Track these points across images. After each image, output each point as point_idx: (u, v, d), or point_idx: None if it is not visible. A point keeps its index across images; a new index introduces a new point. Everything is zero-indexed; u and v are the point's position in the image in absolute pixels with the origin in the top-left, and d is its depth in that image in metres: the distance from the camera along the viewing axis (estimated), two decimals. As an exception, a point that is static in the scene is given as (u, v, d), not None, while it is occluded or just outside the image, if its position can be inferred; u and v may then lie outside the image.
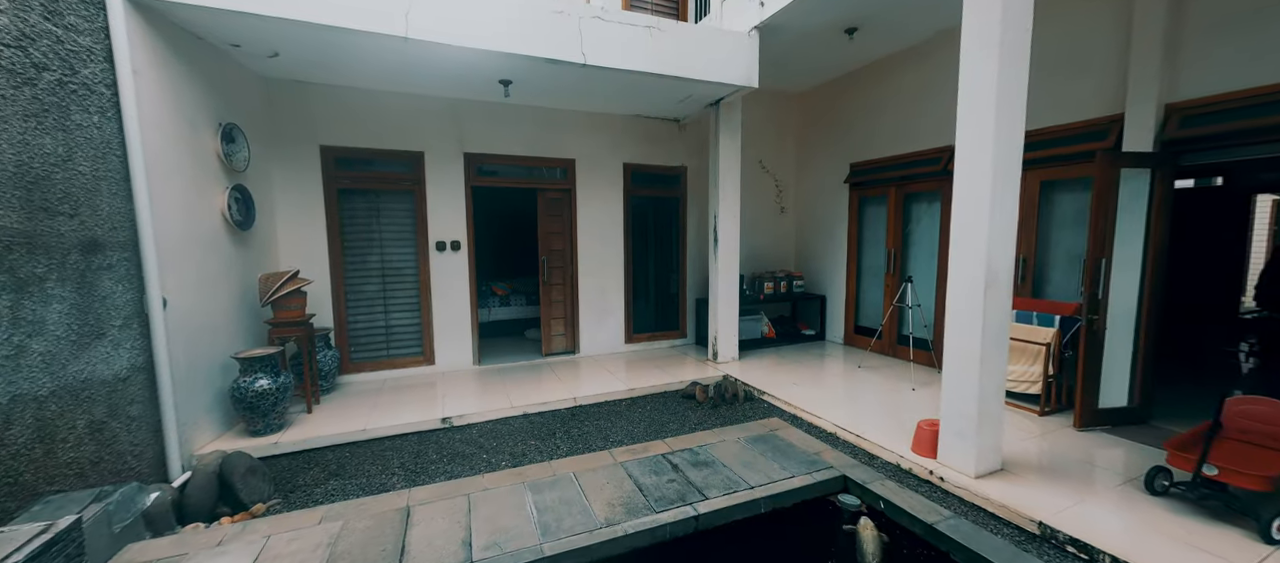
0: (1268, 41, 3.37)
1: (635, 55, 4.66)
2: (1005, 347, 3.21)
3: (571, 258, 6.48)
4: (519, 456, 3.80)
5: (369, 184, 5.44)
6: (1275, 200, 7.94)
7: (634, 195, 6.74)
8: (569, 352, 6.62)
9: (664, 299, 7.22)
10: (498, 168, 6.10)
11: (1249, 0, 3.45)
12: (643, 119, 6.65)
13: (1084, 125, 4.31)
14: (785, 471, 3.34)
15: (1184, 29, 3.73)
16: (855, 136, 6.62)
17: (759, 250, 7.57)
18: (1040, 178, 4.62)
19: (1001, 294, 3.13)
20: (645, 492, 3.06)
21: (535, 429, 4.32)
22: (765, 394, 5.03)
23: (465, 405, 4.67)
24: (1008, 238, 3.09)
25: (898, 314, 6.07)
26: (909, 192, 5.98)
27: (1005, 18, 2.89)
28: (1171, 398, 4.37)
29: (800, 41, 5.50)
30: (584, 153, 6.37)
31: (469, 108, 5.76)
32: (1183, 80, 3.75)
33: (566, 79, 4.96)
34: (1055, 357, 4.21)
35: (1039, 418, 4.19)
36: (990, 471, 3.25)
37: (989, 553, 2.45)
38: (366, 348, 5.60)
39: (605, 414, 4.67)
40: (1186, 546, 2.50)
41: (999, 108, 2.94)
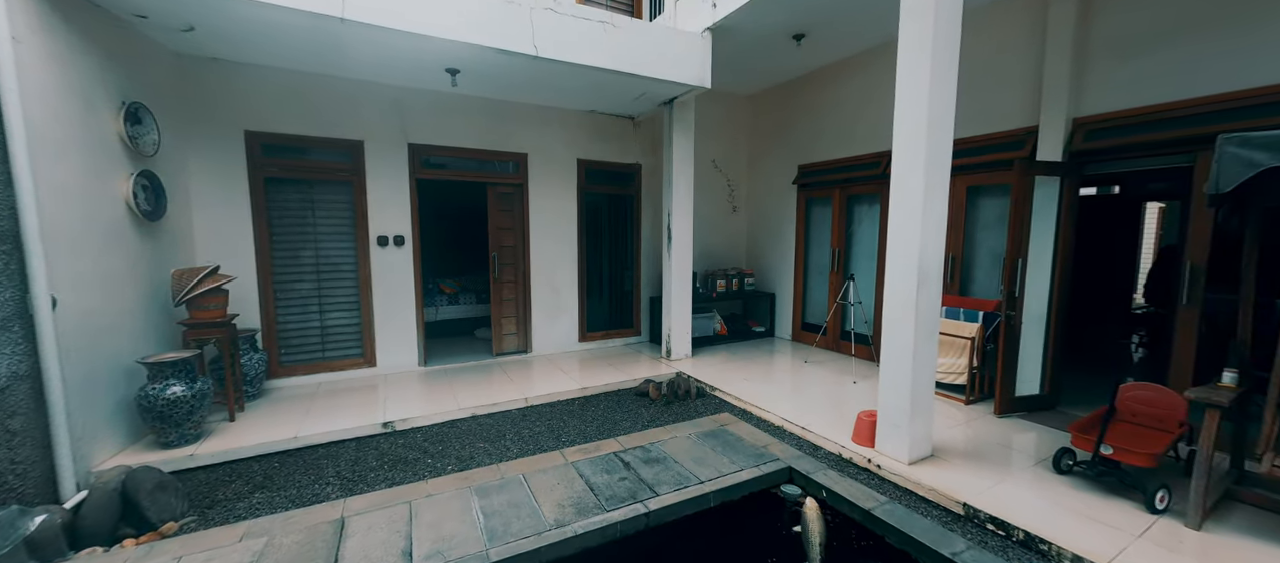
0: (1153, 68, 3.78)
1: (589, 50, 4.60)
2: (936, 341, 3.43)
3: (524, 254, 6.34)
4: (466, 459, 3.67)
5: (302, 174, 5.08)
6: (1161, 208, 8.95)
7: (588, 192, 6.68)
8: (521, 351, 6.48)
9: (619, 297, 7.21)
10: (446, 160, 5.86)
11: (1138, 30, 3.85)
12: (597, 115, 6.60)
13: (1004, 136, 4.67)
14: (734, 464, 3.42)
15: (1088, 51, 4.12)
16: (803, 140, 6.87)
17: (712, 249, 7.71)
18: (967, 184, 4.97)
19: (933, 292, 3.33)
20: (596, 491, 3.04)
21: (484, 431, 4.19)
22: (717, 390, 5.12)
23: (409, 408, 4.46)
24: (938, 239, 3.30)
25: (841, 311, 6.36)
26: (852, 194, 6.27)
27: (936, 33, 3.07)
28: (1076, 385, 4.83)
29: (751, 45, 5.64)
30: (537, 147, 6.24)
31: (414, 96, 5.49)
32: (1087, 98, 4.14)
33: (518, 71, 4.83)
34: (979, 349, 4.55)
35: (965, 406, 4.52)
36: (922, 457, 3.46)
37: (919, 535, 2.61)
38: (299, 350, 5.23)
39: (558, 414, 4.60)
40: (1086, 519, 2.77)
41: (931, 116, 3.12)
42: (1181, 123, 3.58)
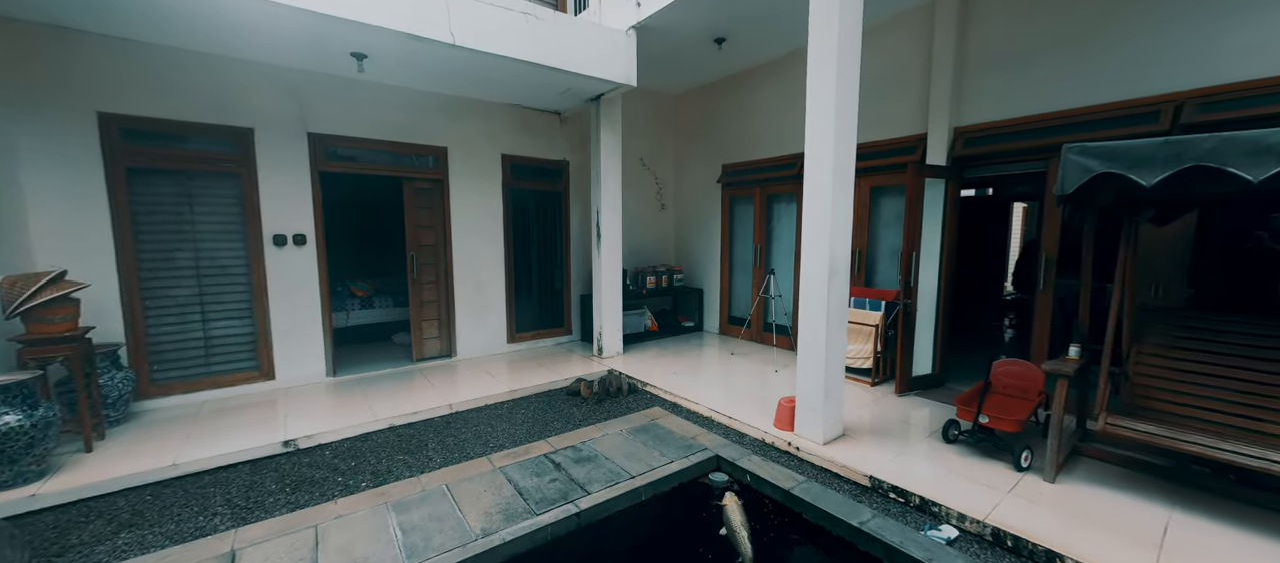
0: (1014, 86, 4.34)
1: (510, 41, 4.45)
2: (845, 329, 3.72)
3: (445, 253, 6.02)
4: (383, 474, 3.42)
5: (176, 163, 4.44)
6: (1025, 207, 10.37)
7: (514, 188, 6.47)
8: (444, 355, 6.15)
9: (548, 295, 7.07)
10: (355, 152, 5.40)
11: (1002, 54, 4.41)
12: (522, 109, 6.41)
13: (901, 141, 5.15)
14: (665, 457, 3.48)
15: (965, 70, 4.66)
16: (726, 140, 7.14)
17: (642, 246, 7.79)
18: (870, 184, 5.43)
19: (842, 283, 3.61)
20: (526, 495, 2.97)
21: (403, 442, 3.93)
22: (648, 385, 5.20)
23: (315, 423, 4.08)
24: (845, 235, 3.57)
25: (764, 303, 6.70)
26: (771, 193, 6.62)
27: (840, 46, 3.32)
28: (961, 364, 5.45)
29: (676, 45, 5.75)
30: (458, 141, 5.94)
31: (315, 81, 5.00)
32: (965, 110, 4.68)
33: (434, 60, 4.56)
34: (882, 335, 5.00)
35: (871, 388, 4.95)
36: (835, 437, 3.74)
37: (831, 508, 2.82)
38: (177, 365, 4.58)
39: (485, 419, 4.43)
40: (969, 480, 3.14)
41: (837, 122, 3.37)
42: (1036, 134, 4.16)
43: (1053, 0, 4.10)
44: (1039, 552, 2.49)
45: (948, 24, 4.62)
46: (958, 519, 2.80)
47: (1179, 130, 3.44)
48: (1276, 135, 2.08)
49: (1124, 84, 3.78)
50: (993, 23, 4.45)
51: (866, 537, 2.62)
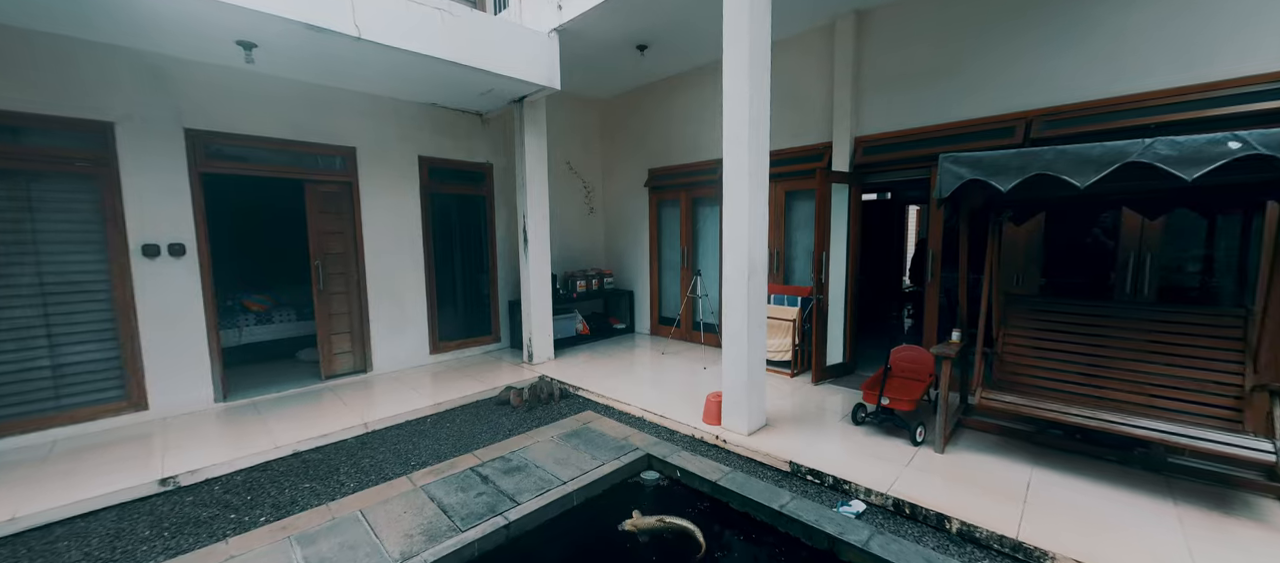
0: (902, 101, 4.84)
1: (424, 38, 4.25)
2: (764, 325, 3.94)
3: (357, 261, 5.59)
4: (286, 505, 3.11)
5: (12, 162, 3.75)
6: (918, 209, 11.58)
7: (435, 192, 6.17)
8: (358, 371, 5.70)
9: (474, 303, 6.80)
10: (245, 151, 4.87)
11: (891, 73, 4.90)
12: (440, 109, 6.12)
13: (810, 149, 5.55)
14: (596, 460, 3.48)
15: (862, 84, 5.12)
16: (652, 145, 7.29)
17: (571, 250, 7.73)
18: (785, 188, 5.80)
19: (760, 282, 3.82)
20: (450, 512, 2.83)
21: (311, 469, 3.60)
22: (581, 390, 5.16)
23: (202, 456, 3.62)
24: (762, 236, 3.79)
25: (692, 303, 6.91)
26: (696, 196, 6.85)
27: (751, 59, 3.52)
28: (868, 353, 5.97)
29: (599, 50, 5.79)
30: (368, 141, 5.55)
31: (193, 71, 4.46)
32: (863, 120, 5.14)
33: (339, 53, 4.24)
34: (799, 329, 5.35)
35: (791, 379, 5.27)
36: (759, 427, 3.94)
37: (754, 495, 2.97)
38: (14, 401, 3.86)
39: (406, 436, 4.17)
40: (874, 456, 3.45)
41: (751, 130, 3.57)
42: (921, 144, 4.68)
43: (929, 30, 4.64)
44: (931, 516, 2.80)
45: (845, 44, 5.06)
46: (865, 494, 3.06)
47: (1029, 143, 4.03)
48: (1097, 149, 2.51)
49: (988, 102, 4.35)
50: (882, 45, 4.94)
51: (786, 519, 2.79)
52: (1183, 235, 3.96)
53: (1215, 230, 3.87)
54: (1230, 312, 3.07)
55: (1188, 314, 3.19)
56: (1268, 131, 2.21)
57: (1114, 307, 3.48)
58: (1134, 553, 2.41)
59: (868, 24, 5.01)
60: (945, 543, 2.64)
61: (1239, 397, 2.91)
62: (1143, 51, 3.66)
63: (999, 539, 2.57)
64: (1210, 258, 3.93)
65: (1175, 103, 3.53)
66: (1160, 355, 3.18)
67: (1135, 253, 3.81)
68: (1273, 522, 2.65)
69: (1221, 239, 3.85)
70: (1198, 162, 2.26)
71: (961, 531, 2.68)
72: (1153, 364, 3.18)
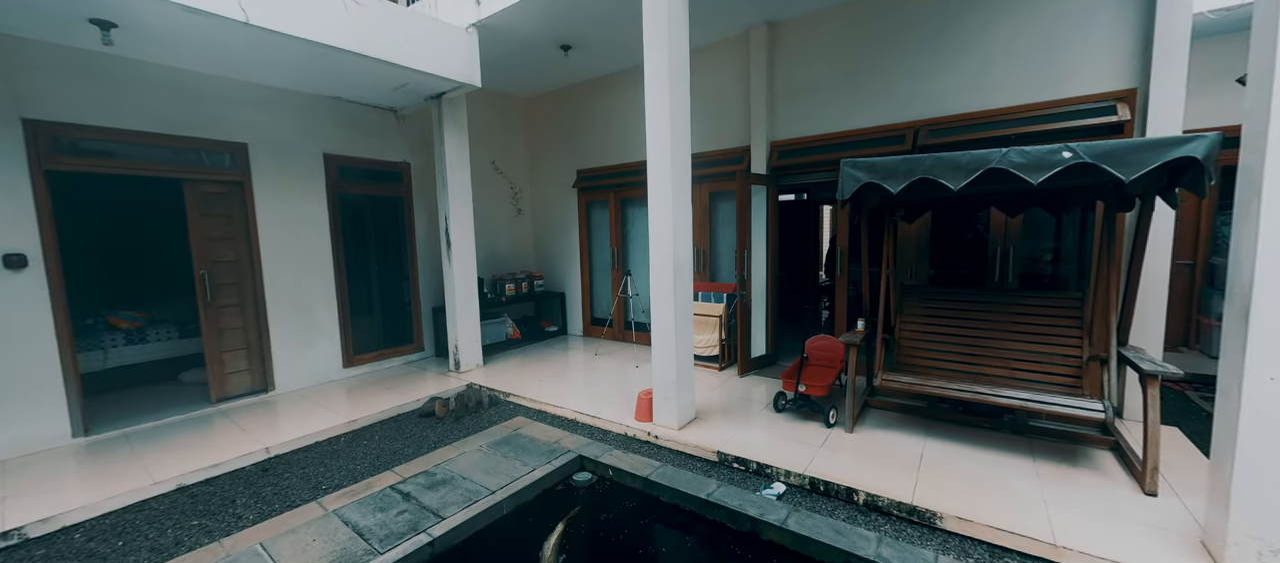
0: (809, 109, 5.21)
1: (324, 26, 3.94)
2: (691, 321, 4.07)
3: (252, 268, 5.05)
4: (168, 547, 2.75)
5: None
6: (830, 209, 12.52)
7: (345, 193, 5.73)
8: (257, 390, 5.16)
9: (394, 310, 6.39)
10: (110, 146, 4.24)
11: (800, 81, 5.26)
12: (348, 103, 5.70)
13: (731, 152, 5.81)
14: (526, 466, 3.43)
15: (775, 92, 5.44)
16: (580, 145, 7.26)
17: (499, 252, 7.51)
18: (709, 189, 6.03)
19: (686, 279, 3.95)
20: (366, 535, 2.66)
21: (199, 504, 3.21)
22: (511, 396, 5.04)
23: (57, 502, 3.11)
24: (686, 235, 3.92)
25: (623, 303, 6.97)
26: (624, 197, 6.92)
27: (670, 65, 3.63)
28: (789, 344, 6.36)
29: (522, 48, 5.67)
30: (263, 136, 5.04)
31: (35, 51, 3.81)
32: (778, 125, 5.47)
33: (224, 39, 3.82)
34: (725, 324, 5.59)
35: (718, 372, 5.49)
36: (688, 421, 4.08)
37: (682, 486, 3.08)
38: None
39: (316, 459, 3.84)
40: (793, 440, 3.69)
41: (673, 133, 3.68)
42: (828, 148, 5.07)
43: (832, 45, 5.03)
44: (841, 490, 3.05)
45: (760, 53, 5.36)
46: (785, 476, 3.27)
47: (917, 150, 4.51)
48: (965, 157, 2.86)
49: (883, 112, 4.81)
50: (792, 56, 5.29)
51: (713, 506, 2.92)
52: (1038, 231, 4.62)
53: (1062, 227, 4.56)
54: (1071, 295, 3.64)
55: (1040, 298, 3.73)
56: (1092, 144, 2.64)
57: (986, 293, 3.99)
58: (1002, 504, 2.79)
59: (779, 35, 5.34)
60: (854, 514, 2.89)
61: (1079, 366, 3.45)
62: (1007, 73, 4.22)
63: (897, 505, 2.85)
64: (1058, 250, 4.62)
65: (1030, 117, 4.11)
66: (1021, 334, 3.69)
67: (1001, 246, 4.39)
68: (1105, 469, 3.17)
69: (1067, 234, 4.55)
70: (1041, 168, 2.65)
71: (867, 501, 2.95)
72: (1015, 342, 3.69)
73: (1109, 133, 3.82)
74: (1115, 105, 3.79)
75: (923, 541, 2.63)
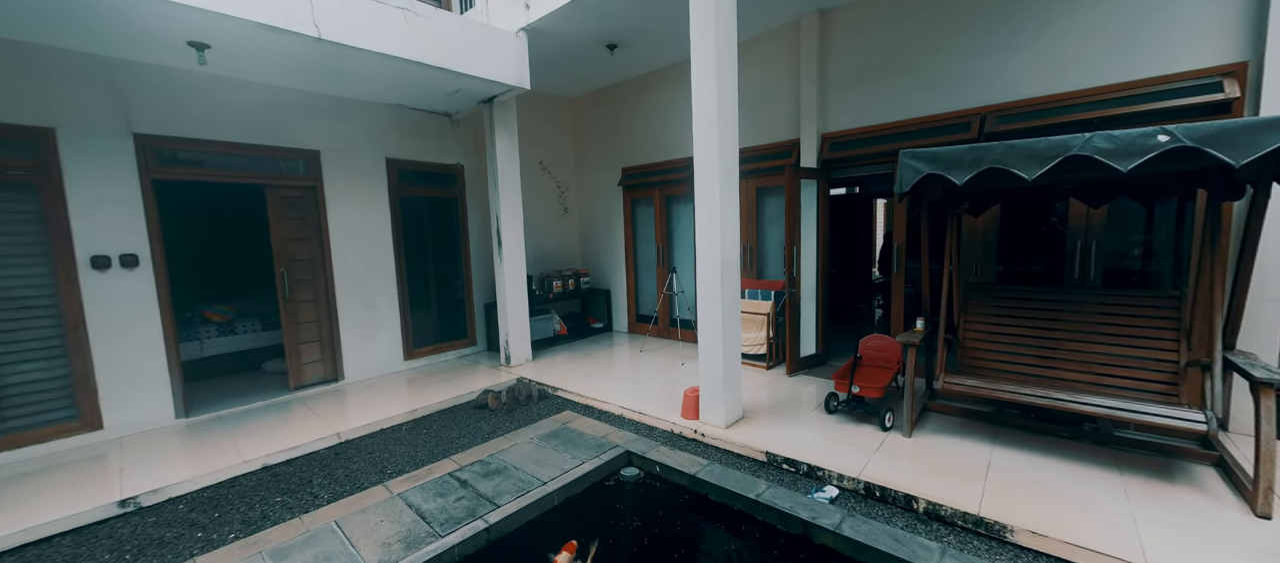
0: (865, 98, 4.99)
1: (387, 38, 4.16)
2: (738, 319, 4.02)
3: (324, 267, 5.44)
4: (256, 521, 3.02)
5: (-62, 173, 3.52)
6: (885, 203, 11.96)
7: (405, 195, 6.05)
8: (329, 380, 5.56)
9: (449, 306, 6.70)
10: (202, 156, 4.69)
11: (853, 71, 5.04)
12: (407, 110, 6.00)
13: (779, 146, 5.67)
14: (576, 459, 3.50)
15: (827, 83, 5.25)
16: (625, 143, 7.30)
17: (546, 250, 7.69)
18: (756, 185, 5.90)
19: (733, 276, 3.89)
20: (429, 518, 2.81)
21: (281, 483, 3.50)
22: (559, 390, 5.16)
23: (164, 475, 3.48)
24: (734, 232, 3.86)
25: (668, 301, 6.97)
26: (669, 194, 6.90)
27: (718, 58, 3.58)
28: (840, 343, 6.14)
29: (569, 49, 5.77)
30: (333, 144, 5.40)
31: (141, 73, 4.26)
32: (829, 117, 5.27)
33: (299, 54, 4.12)
34: (773, 322, 5.47)
35: (766, 371, 5.38)
36: (736, 420, 4.02)
37: (731, 485, 3.04)
38: (-46, 425, 3.64)
39: (381, 444, 4.10)
40: (846, 443, 3.57)
41: (720, 128, 3.63)
42: (884, 139, 4.83)
43: (888, 30, 4.79)
44: (899, 497, 2.91)
45: (810, 43, 5.18)
46: (837, 479, 3.17)
47: (984, 138, 4.22)
48: (1042, 143, 2.65)
49: (945, 99, 4.53)
50: (845, 44, 5.08)
51: (762, 507, 2.87)
52: (1125, 223, 4.21)
53: (1154, 218, 4.13)
54: (1167, 294, 3.30)
55: (1129, 297, 3.40)
56: (1194, 125, 2.38)
57: (1064, 292, 3.68)
58: (1083, 520, 2.57)
59: (831, 23, 5.14)
60: (913, 523, 2.76)
61: (1175, 373, 3.12)
62: (1086, 51, 3.87)
63: (962, 516, 2.70)
64: (1149, 244, 4.20)
65: (1115, 98, 3.75)
66: (1105, 336, 3.38)
67: (1082, 240, 4.03)
68: (1208, 487, 2.86)
69: (1160, 226, 4.12)
70: (1131, 154, 2.41)
71: (928, 510, 2.81)
72: (1099, 345, 3.39)
73: (1212, 113, 3.43)
74: (1221, 81, 3.39)
75: (991, 554, 2.47)
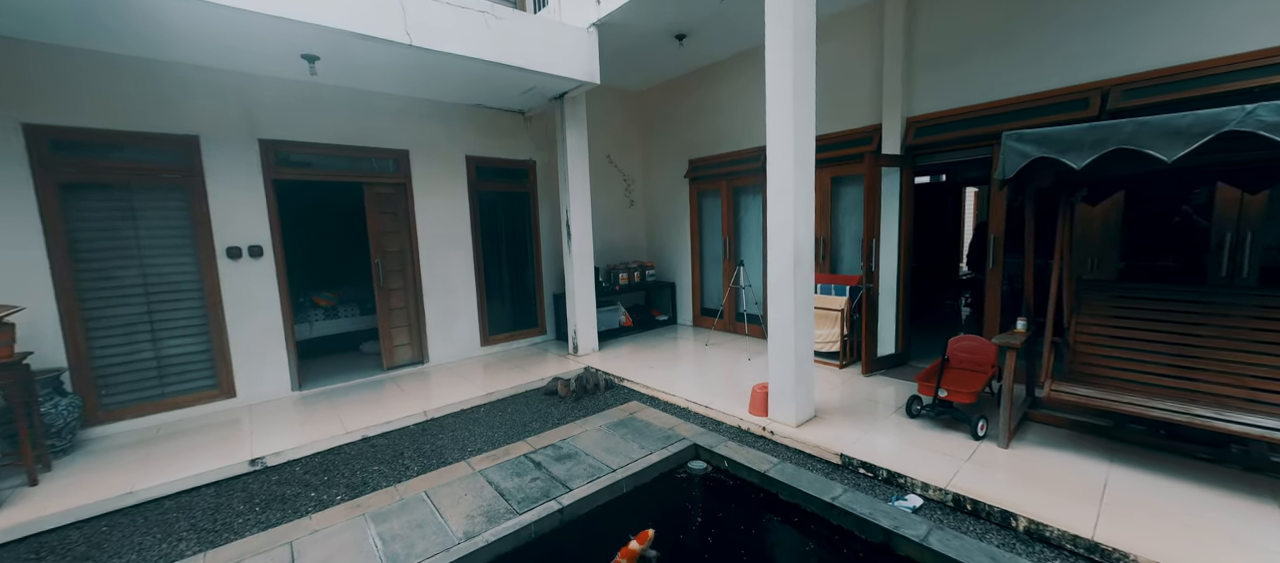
0: (959, 78, 4.56)
1: (469, 41, 4.39)
2: (811, 315, 3.85)
3: (412, 258, 5.89)
4: (358, 486, 3.35)
5: (114, 176, 4.19)
6: (976, 191, 10.91)
7: (481, 190, 6.39)
8: (416, 362, 6.03)
9: (520, 297, 7.01)
10: (310, 158, 5.22)
11: (945, 47, 4.63)
12: (485, 109, 6.32)
13: (858, 132, 5.34)
14: (644, 449, 3.54)
15: (914, 63, 4.86)
16: (692, 135, 7.23)
17: (612, 243, 7.81)
18: (831, 174, 5.61)
19: (807, 271, 3.73)
20: (507, 496, 2.97)
21: (378, 453, 3.85)
22: (625, 381, 5.24)
23: (283, 440, 3.95)
24: (808, 224, 3.70)
25: (734, 295, 6.84)
26: (737, 185, 6.75)
27: (795, 41, 3.42)
28: (922, 343, 5.72)
29: (638, 42, 5.78)
30: (419, 143, 5.81)
31: (263, 85, 4.80)
32: (916, 100, 4.89)
33: (391, 60, 4.45)
34: (847, 319, 5.20)
35: (839, 370, 5.14)
36: (807, 419, 3.88)
37: (805, 487, 2.94)
38: (127, 389, 4.34)
39: (462, 424, 4.38)
40: (930, 451, 3.32)
41: (796, 115, 3.48)
42: (980, 122, 4.40)
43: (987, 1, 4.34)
44: (995, 513, 2.67)
45: (896, 20, 4.82)
46: (922, 488, 2.96)
47: (1106, 115, 3.71)
48: (1186, 119, 2.28)
49: (1056, 74, 4.03)
50: (935, 18, 4.67)
51: (838, 511, 2.74)
52: (1290, 211, 3.55)
53: (1332, 204, 3.44)
54: (1351, 295, 2.74)
55: (1297, 299, 2.86)
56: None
57: (1209, 292, 3.17)
58: (1228, 556, 2.22)
59: (920, -3, 4.75)
60: (1011, 541, 2.52)
61: (1361, 390, 2.60)
62: (1235, 9, 3.28)
63: (1072, 540, 2.42)
64: (1325, 235, 3.50)
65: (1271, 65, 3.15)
66: (1264, 345, 2.88)
67: (1233, 232, 3.45)
68: (1403, 530, 2.36)
69: (1340, 214, 3.43)
70: (1312, 128, 2.02)
71: (1030, 529, 2.55)
72: (1255, 355, 2.89)
73: None
74: None
75: (1108, 585, 2.20)
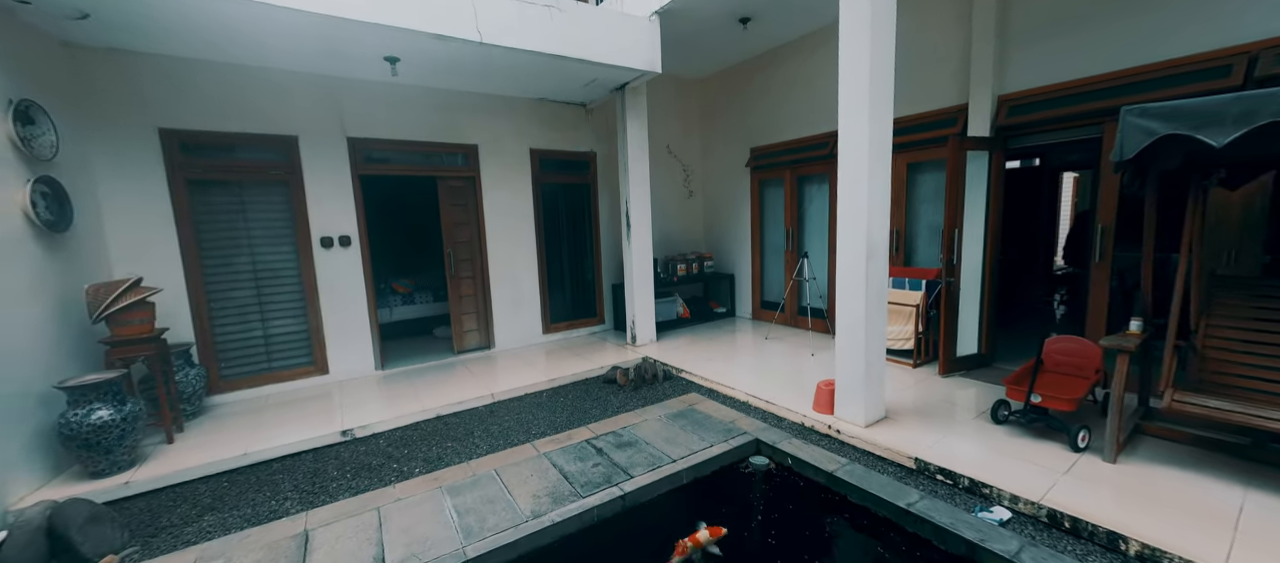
0: (1064, 47, 4.09)
1: (535, 35, 4.50)
2: (885, 310, 3.64)
3: (480, 249, 6.18)
4: (434, 460, 3.59)
5: (230, 174, 4.71)
6: (1076, 177, 9.79)
7: (543, 182, 6.57)
8: (483, 347, 6.34)
9: (580, 286, 7.17)
10: (389, 154, 5.59)
11: (1050, 14, 4.16)
12: (548, 103, 6.47)
13: (939, 114, 4.94)
14: (704, 441, 3.52)
15: (1009, 32, 4.41)
16: (753, 122, 7.01)
17: (671, 234, 7.78)
18: (907, 160, 5.24)
19: (880, 264, 3.52)
20: (571, 479, 3.06)
21: (451, 431, 4.10)
22: (683, 372, 5.22)
23: (369, 414, 4.30)
24: (883, 213, 3.48)
25: (797, 287, 6.60)
26: (802, 174, 6.48)
27: (874, 15, 3.20)
28: (1008, 343, 5.24)
29: (699, 28, 5.67)
30: (487, 138, 6.06)
31: (350, 87, 5.19)
32: (1009, 76, 4.44)
33: (462, 58, 4.65)
34: (923, 316, 4.86)
35: (913, 370, 4.82)
36: (877, 419, 3.68)
37: (876, 490, 2.79)
38: (241, 362, 4.90)
39: (526, 407, 4.56)
40: (1021, 460, 3.04)
41: (872, 96, 3.27)
42: (1089, 97, 3.92)
43: (1106, -48, 3.84)
44: (1100, 533, 2.41)
45: (989, -14, 4.38)
46: (1010, 501, 2.72)
47: (1253, 85, 3.18)
48: (1370, 83, 1.90)
49: (1188, 38, 3.51)
50: (1039, -19, 4.20)
51: (915, 518, 2.58)
52: None
53: None
54: None
55: None
56: None
57: (1386, 291, 2.65)
58: None
59: (1017, -39, 4.29)
60: (1119, 566, 2.26)
61: None
62: None
63: (1197, 570, 2.13)
64: None
65: None
66: None
67: None
68: None
69: None
70: None
71: (1142, 555, 2.28)
72: None
73: None
74: None
75: (1245, 625, 1.92)
